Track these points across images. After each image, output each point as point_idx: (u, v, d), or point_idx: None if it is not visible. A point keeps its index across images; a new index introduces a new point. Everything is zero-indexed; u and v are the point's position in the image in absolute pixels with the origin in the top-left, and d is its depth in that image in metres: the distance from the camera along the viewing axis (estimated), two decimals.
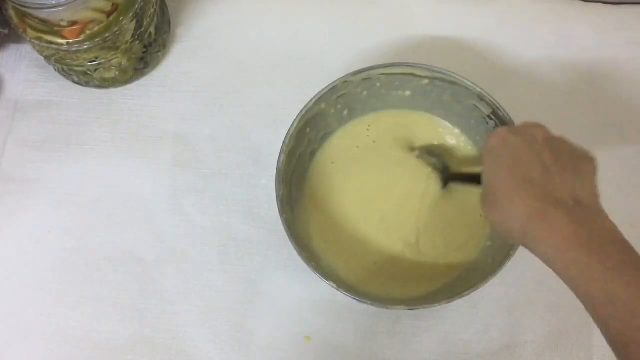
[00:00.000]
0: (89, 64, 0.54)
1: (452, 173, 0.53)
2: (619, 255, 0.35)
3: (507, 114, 0.49)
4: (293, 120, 0.50)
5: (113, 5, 0.51)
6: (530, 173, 0.40)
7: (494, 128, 0.51)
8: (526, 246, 0.39)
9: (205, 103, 0.59)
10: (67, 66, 0.55)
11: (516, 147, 0.41)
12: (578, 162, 0.41)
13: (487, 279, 0.46)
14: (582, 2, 0.61)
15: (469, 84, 0.50)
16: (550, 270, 0.38)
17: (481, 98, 0.50)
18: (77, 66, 0.54)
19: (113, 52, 0.54)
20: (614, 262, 0.35)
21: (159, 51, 0.59)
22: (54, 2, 0.46)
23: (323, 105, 0.52)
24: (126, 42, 0.54)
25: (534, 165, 0.40)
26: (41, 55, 0.55)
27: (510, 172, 0.40)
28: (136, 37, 0.54)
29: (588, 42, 0.60)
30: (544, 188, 0.39)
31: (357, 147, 0.55)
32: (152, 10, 0.55)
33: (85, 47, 0.51)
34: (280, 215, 0.48)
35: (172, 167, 0.57)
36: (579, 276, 0.36)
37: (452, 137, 0.55)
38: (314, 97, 0.50)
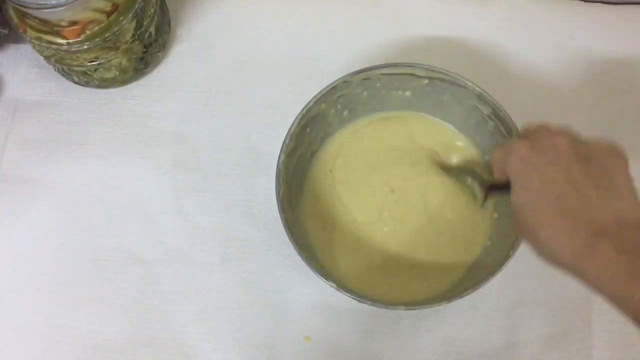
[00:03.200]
0: (89, 64, 0.54)
1: (492, 184, 0.49)
2: None
3: (507, 114, 0.49)
4: (293, 120, 0.50)
5: (113, 5, 0.51)
6: (564, 199, 0.37)
7: (493, 128, 0.51)
8: (579, 279, 0.37)
9: (205, 103, 0.59)
10: (67, 66, 0.55)
11: (541, 167, 0.38)
12: (610, 167, 0.38)
13: (487, 279, 0.46)
14: (582, 2, 0.61)
15: (469, 84, 0.50)
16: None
17: (481, 98, 0.50)
18: (77, 66, 0.54)
19: (113, 52, 0.54)
20: None
21: (159, 51, 0.59)
22: (54, 2, 0.46)
23: (323, 105, 0.52)
24: (126, 42, 0.54)
25: (567, 188, 0.37)
26: (41, 55, 0.55)
27: (542, 200, 0.38)
28: (136, 37, 0.54)
29: (588, 42, 0.60)
30: (583, 215, 0.36)
31: (357, 147, 0.55)
32: (152, 10, 0.55)
33: (85, 47, 0.51)
34: (280, 215, 0.48)
35: (172, 167, 0.57)
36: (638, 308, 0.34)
37: (452, 137, 0.55)
38: (314, 97, 0.50)
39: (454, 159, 0.54)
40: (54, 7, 0.47)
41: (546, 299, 0.53)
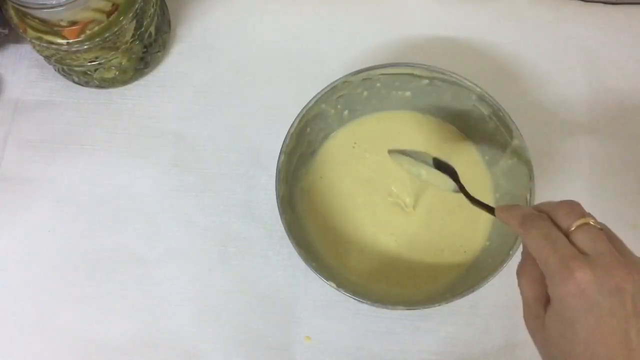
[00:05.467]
0: (89, 64, 0.54)
1: (467, 193, 0.47)
2: None
3: (507, 114, 0.49)
4: (293, 120, 0.50)
5: (113, 5, 0.51)
6: (612, 356, 0.32)
7: (493, 128, 0.51)
8: None
9: (205, 103, 0.59)
10: (67, 66, 0.55)
11: (599, 312, 0.32)
12: None
13: (487, 279, 0.46)
14: (582, 2, 0.61)
15: (469, 84, 0.50)
16: None
17: (481, 98, 0.50)
18: (77, 66, 0.54)
19: (113, 52, 0.54)
20: None
21: (159, 51, 0.59)
22: (54, 2, 0.46)
23: (323, 105, 0.52)
24: (126, 42, 0.54)
25: (618, 347, 0.32)
26: (41, 55, 0.55)
27: (587, 349, 0.32)
28: (136, 37, 0.54)
29: (588, 42, 0.60)
30: None
31: (357, 147, 0.55)
32: (152, 10, 0.55)
33: (85, 47, 0.51)
34: (280, 215, 0.48)
35: (172, 167, 0.57)
36: None
37: (452, 138, 0.55)
38: (314, 97, 0.50)
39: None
40: (54, 7, 0.47)
41: None
